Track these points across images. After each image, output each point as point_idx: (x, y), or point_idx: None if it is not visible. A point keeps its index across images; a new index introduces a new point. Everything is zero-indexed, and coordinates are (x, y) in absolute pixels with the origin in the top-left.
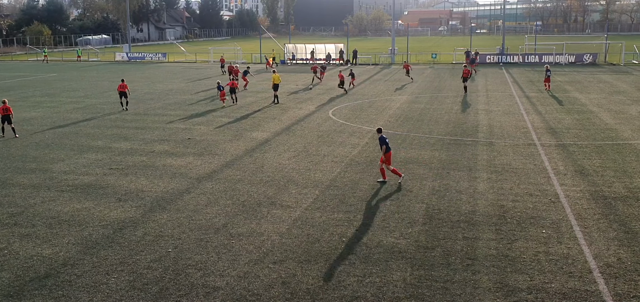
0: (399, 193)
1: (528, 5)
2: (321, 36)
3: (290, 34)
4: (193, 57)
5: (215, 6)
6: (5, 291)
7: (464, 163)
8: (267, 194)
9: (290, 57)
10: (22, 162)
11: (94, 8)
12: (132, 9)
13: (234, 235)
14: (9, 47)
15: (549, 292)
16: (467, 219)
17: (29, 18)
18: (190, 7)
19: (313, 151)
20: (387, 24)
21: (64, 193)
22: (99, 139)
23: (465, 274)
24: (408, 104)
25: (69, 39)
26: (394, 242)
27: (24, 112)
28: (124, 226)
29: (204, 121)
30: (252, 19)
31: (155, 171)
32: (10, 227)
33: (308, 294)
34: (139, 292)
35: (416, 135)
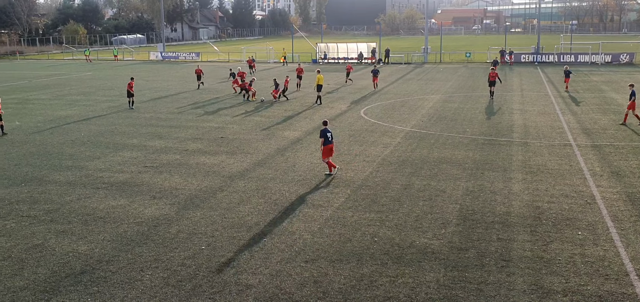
0: (433, 193)
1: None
2: (353, 35)
3: (322, 33)
4: (226, 56)
5: (248, 6)
6: (42, 287)
7: (498, 163)
8: (298, 193)
9: (322, 56)
10: (58, 160)
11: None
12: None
13: (266, 233)
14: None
15: (585, 295)
16: (501, 220)
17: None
18: (224, 7)
19: (345, 150)
20: (420, 23)
21: (99, 190)
22: (134, 137)
23: (499, 276)
24: (441, 103)
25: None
26: (427, 243)
27: (60, 110)
28: (158, 223)
29: (237, 120)
30: (284, 19)
31: (188, 169)
32: (46, 224)
33: (340, 294)
34: (173, 289)
35: (450, 135)
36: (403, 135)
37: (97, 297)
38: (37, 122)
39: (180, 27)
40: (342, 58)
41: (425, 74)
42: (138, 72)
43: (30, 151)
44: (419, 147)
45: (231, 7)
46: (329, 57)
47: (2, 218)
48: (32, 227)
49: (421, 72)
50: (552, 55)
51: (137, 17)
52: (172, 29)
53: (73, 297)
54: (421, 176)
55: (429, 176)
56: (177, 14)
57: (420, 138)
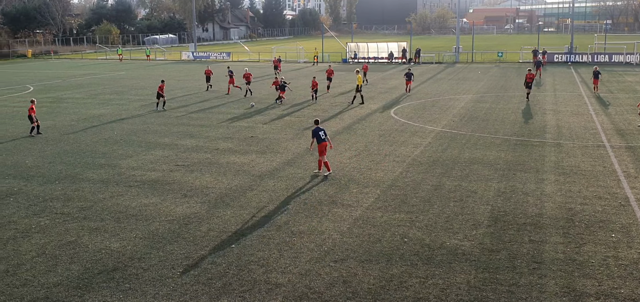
0: (464, 194)
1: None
2: (383, 35)
3: (352, 33)
4: (256, 56)
5: (278, 6)
6: (75, 283)
7: (530, 164)
8: (328, 192)
9: (353, 56)
10: (91, 158)
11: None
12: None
13: (296, 233)
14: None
15: (618, 298)
16: (533, 221)
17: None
18: (254, 7)
19: (374, 150)
20: (451, 22)
21: (131, 188)
22: (166, 136)
23: (531, 278)
24: (473, 103)
25: (137, 38)
26: (458, 244)
27: (93, 109)
28: (189, 221)
29: (266, 119)
30: (315, 18)
31: (219, 168)
32: (80, 221)
33: (369, 294)
34: (203, 287)
35: (481, 135)
36: (434, 136)
37: (129, 294)
38: (71, 121)
39: (212, 27)
40: (372, 57)
41: (456, 74)
42: (170, 71)
43: (65, 149)
44: (450, 147)
45: (262, 7)
46: (359, 57)
47: (36, 215)
48: (65, 224)
49: (452, 72)
50: (585, 55)
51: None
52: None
53: (105, 294)
54: (452, 177)
55: (460, 177)
56: (208, 14)
57: (451, 138)
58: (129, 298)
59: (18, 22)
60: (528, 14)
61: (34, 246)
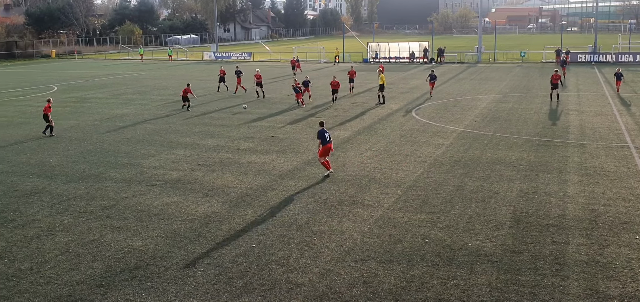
0: (485, 195)
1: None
2: (405, 34)
3: (373, 33)
4: (277, 56)
5: (299, 6)
6: (98, 281)
7: (553, 165)
8: (348, 192)
9: (374, 55)
10: (114, 157)
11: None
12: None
13: (316, 232)
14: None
15: None
16: (556, 223)
17: (121, 18)
18: (276, 7)
19: (395, 151)
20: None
21: (153, 187)
22: (187, 136)
23: (553, 280)
24: (495, 103)
25: (159, 38)
26: (480, 245)
27: (116, 108)
28: (211, 221)
29: (287, 119)
30: (336, 18)
31: (240, 167)
32: (102, 220)
33: (390, 295)
34: (224, 286)
35: (503, 135)
36: (455, 136)
37: (151, 292)
38: (94, 120)
39: (233, 28)
40: (393, 57)
41: (478, 74)
42: (191, 72)
43: (88, 148)
44: (472, 147)
45: (283, 8)
46: (380, 57)
47: (60, 214)
48: (88, 223)
49: (474, 72)
50: (609, 55)
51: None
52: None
53: (128, 292)
54: (474, 177)
55: (482, 177)
56: (230, 15)
57: (473, 139)
58: (151, 296)
59: (42, 23)
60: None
61: (58, 244)
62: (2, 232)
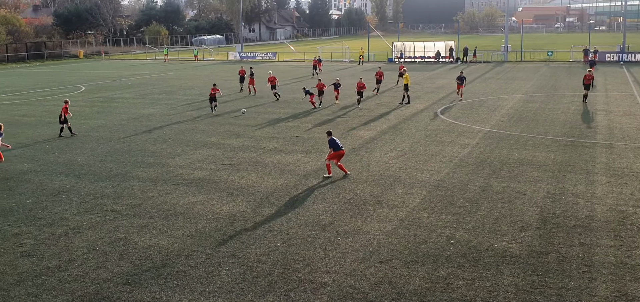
0: (512, 196)
1: None
2: (430, 34)
3: (398, 32)
4: (302, 56)
5: (324, 6)
6: (124, 279)
7: (581, 166)
8: (373, 192)
9: (399, 55)
10: (141, 157)
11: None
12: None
13: (340, 232)
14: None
15: None
16: (584, 224)
17: (147, 18)
18: (300, 7)
19: (420, 151)
20: (500, 21)
21: (179, 187)
22: (213, 136)
23: (581, 281)
24: (522, 103)
25: (185, 39)
26: (506, 246)
27: (143, 108)
28: (235, 220)
29: (311, 119)
30: (361, 18)
31: (264, 167)
32: (129, 218)
33: (415, 295)
34: (249, 285)
35: (530, 136)
36: (481, 136)
37: (177, 291)
38: (121, 120)
39: (258, 28)
40: (418, 57)
41: (505, 73)
42: (217, 72)
43: (115, 147)
44: (498, 148)
45: (308, 8)
46: (405, 56)
47: (87, 212)
48: (115, 222)
49: (501, 71)
50: (638, 54)
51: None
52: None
53: (154, 290)
54: (500, 178)
55: (508, 178)
56: (255, 15)
57: (500, 139)
58: (177, 295)
59: (70, 24)
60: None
61: (85, 242)
62: (30, 230)
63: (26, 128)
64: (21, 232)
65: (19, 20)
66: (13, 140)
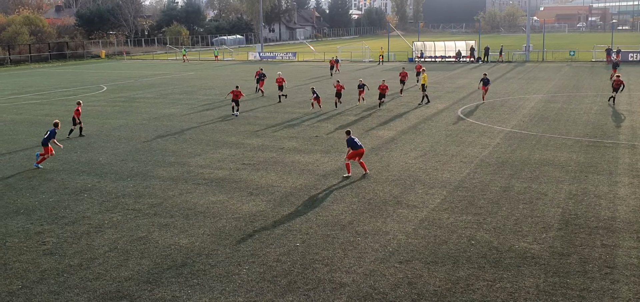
0: (533, 196)
1: None
2: (451, 33)
3: (419, 32)
4: (321, 56)
5: (344, 5)
6: (145, 277)
7: (603, 166)
8: (392, 193)
9: (419, 55)
10: (162, 156)
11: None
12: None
13: (360, 232)
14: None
15: None
16: (606, 225)
17: (168, 19)
18: (320, 7)
19: (441, 151)
20: (521, 21)
21: (199, 186)
22: (233, 135)
23: (603, 283)
24: (543, 103)
25: (206, 39)
26: (527, 247)
27: (164, 108)
28: (255, 219)
29: (331, 119)
30: (381, 17)
31: (284, 167)
32: (150, 217)
33: (435, 296)
34: (269, 284)
35: (552, 136)
36: (502, 136)
37: (197, 289)
38: (142, 119)
39: (278, 28)
40: (439, 56)
41: (526, 73)
42: (237, 72)
43: (136, 147)
44: (519, 148)
45: (327, 7)
46: (426, 56)
47: (109, 211)
48: (137, 220)
49: (522, 71)
50: None
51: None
52: (270, 29)
53: (174, 289)
54: (521, 178)
55: (530, 179)
56: (275, 15)
57: (521, 139)
58: (197, 293)
59: (92, 24)
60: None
61: (107, 241)
62: (53, 229)
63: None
64: (44, 231)
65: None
66: (36, 139)
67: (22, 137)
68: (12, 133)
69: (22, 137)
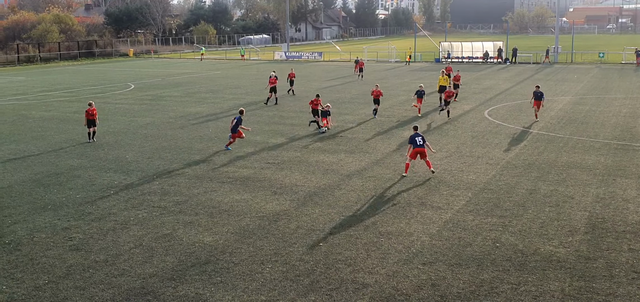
0: (560, 199)
1: None
2: (479, 34)
3: (446, 32)
4: (347, 55)
5: (371, 5)
6: (169, 274)
7: (632, 170)
8: (417, 194)
9: (446, 55)
10: (187, 154)
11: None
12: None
13: (383, 233)
14: (178, 45)
15: None
16: (634, 229)
17: (196, 18)
18: (347, 7)
19: (466, 152)
20: (550, 21)
21: (224, 184)
22: (258, 135)
23: (629, 288)
24: (572, 105)
25: (232, 38)
26: (553, 250)
27: (190, 107)
28: (279, 218)
29: (356, 119)
30: (408, 17)
31: (308, 166)
32: (175, 215)
33: (459, 298)
34: (291, 283)
35: (580, 138)
36: (529, 138)
37: (220, 287)
38: (169, 118)
39: (304, 27)
40: (466, 57)
41: (554, 75)
42: (262, 71)
43: (162, 145)
44: (547, 150)
45: (354, 7)
46: (452, 57)
47: (135, 208)
48: (162, 218)
49: (551, 73)
50: None
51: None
52: (297, 29)
53: (198, 286)
54: (548, 181)
55: (557, 181)
56: (301, 15)
57: (548, 141)
58: (220, 291)
59: (121, 23)
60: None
61: (132, 237)
62: (79, 225)
63: (77, 125)
64: (70, 227)
65: (71, 19)
66: (65, 136)
67: (50, 133)
68: (41, 130)
69: (51, 133)
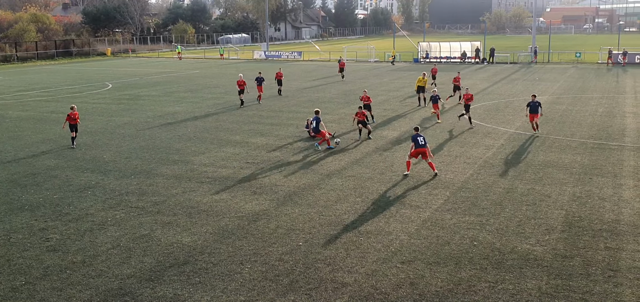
0: (536, 198)
1: None
2: (457, 34)
3: (424, 32)
4: (327, 55)
5: (350, 5)
6: (147, 275)
7: (608, 169)
8: (396, 193)
9: (424, 55)
10: (165, 154)
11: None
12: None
13: (363, 232)
14: (156, 44)
15: None
16: (610, 228)
17: (174, 17)
18: (326, 7)
19: (444, 151)
20: (527, 22)
21: (203, 184)
22: (237, 134)
23: (606, 286)
24: (549, 104)
25: (211, 37)
26: (530, 249)
27: (168, 106)
28: (258, 218)
29: (336, 119)
30: (386, 18)
31: (288, 166)
32: (153, 215)
33: (437, 297)
34: (271, 283)
35: (557, 137)
36: (507, 137)
37: (199, 288)
38: (147, 117)
39: (284, 27)
40: (444, 57)
41: (532, 74)
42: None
43: (140, 145)
44: (524, 149)
45: (333, 7)
46: (431, 57)
47: (112, 208)
48: (140, 218)
49: (528, 73)
50: None
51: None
52: (276, 28)
53: (176, 287)
54: (525, 180)
55: (534, 180)
56: (280, 14)
57: (525, 140)
58: (199, 292)
59: (98, 22)
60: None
61: (110, 238)
62: (56, 225)
63: (54, 125)
64: (48, 227)
65: (49, 18)
66: (42, 136)
67: (27, 133)
68: (17, 130)
69: (28, 133)
